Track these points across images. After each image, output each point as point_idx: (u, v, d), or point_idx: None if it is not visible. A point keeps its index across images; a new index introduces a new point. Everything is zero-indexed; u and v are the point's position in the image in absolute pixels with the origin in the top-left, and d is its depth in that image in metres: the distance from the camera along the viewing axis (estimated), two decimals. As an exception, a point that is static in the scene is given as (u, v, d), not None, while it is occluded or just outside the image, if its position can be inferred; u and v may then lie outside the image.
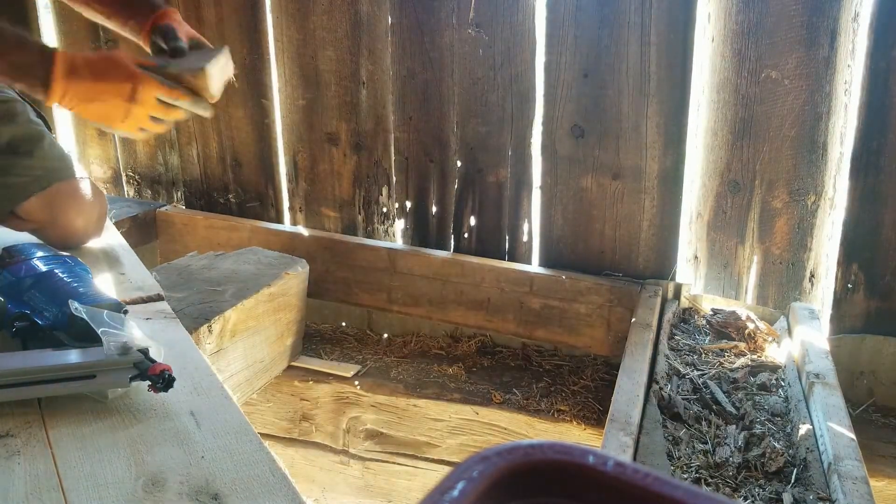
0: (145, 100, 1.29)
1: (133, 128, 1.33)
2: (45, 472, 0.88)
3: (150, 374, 0.97)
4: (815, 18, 1.63)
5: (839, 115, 1.69)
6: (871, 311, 1.77)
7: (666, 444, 1.34)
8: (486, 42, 1.90)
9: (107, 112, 1.30)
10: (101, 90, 1.28)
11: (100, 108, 1.29)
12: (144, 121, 1.32)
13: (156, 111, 1.32)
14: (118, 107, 1.29)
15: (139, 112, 1.30)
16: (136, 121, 1.31)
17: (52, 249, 1.35)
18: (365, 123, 2.10)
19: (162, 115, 1.33)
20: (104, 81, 1.28)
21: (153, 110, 1.31)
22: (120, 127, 1.32)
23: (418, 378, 1.96)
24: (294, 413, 1.99)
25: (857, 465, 1.23)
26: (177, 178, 2.42)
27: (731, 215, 1.84)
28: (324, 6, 2.02)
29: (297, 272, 1.87)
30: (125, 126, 1.32)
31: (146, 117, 1.32)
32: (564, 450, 0.38)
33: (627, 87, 1.80)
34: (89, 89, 1.28)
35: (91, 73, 1.28)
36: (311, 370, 1.98)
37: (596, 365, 1.98)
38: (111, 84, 1.28)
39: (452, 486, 0.35)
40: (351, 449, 1.98)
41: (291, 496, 0.86)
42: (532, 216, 2.02)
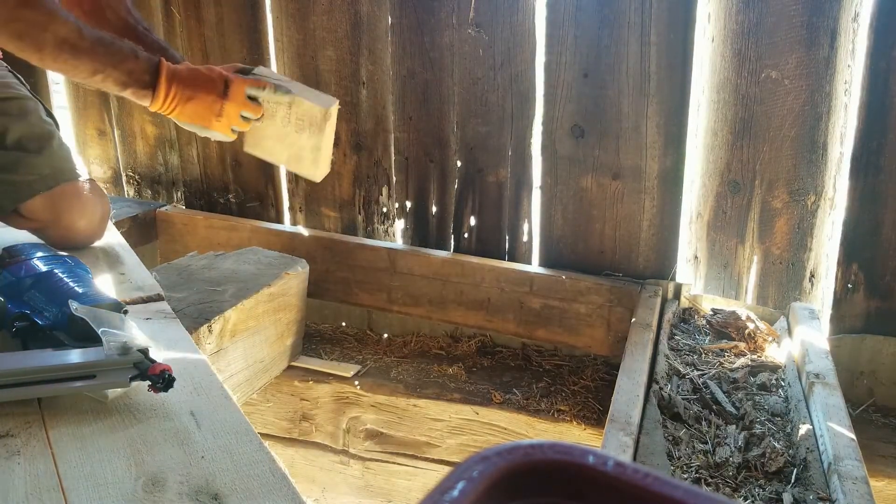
0: (237, 96, 1.39)
1: (227, 127, 1.41)
2: (45, 472, 0.88)
3: (150, 374, 0.97)
4: (815, 18, 1.63)
5: (839, 115, 1.69)
6: (871, 311, 1.77)
7: (666, 444, 1.34)
8: (486, 42, 1.90)
9: (203, 110, 1.39)
10: (198, 87, 1.38)
11: (196, 106, 1.38)
12: (236, 118, 1.41)
13: (246, 108, 1.41)
14: (213, 103, 1.38)
15: (231, 109, 1.39)
16: (228, 118, 1.40)
17: (51, 249, 1.35)
18: (365, 123, 2.10)
19: (251, 112, 1.42)
20: (201, 80, 1.38)
21: (244, 107, 1.40)
22: (216, 126, 1.40)
23: (418, 378, 1.96)
24: (294, 413, 1.99)
25: (857, 465, 1.23)
26: (177, 178, 2.42)
27: (731, 215, 1.84)
28: (324, 6, 2.02)
29: (297, 272, 1.87)
30: (220, 124, 1.40)
31: (237, 115, 1.41)
32: (564, 450, 0.38)
33: (627, 87, 1.80)
34: (188, 88, 1.37)
35: (189, 75, 1.38)
36: (311, 370, 1.98)
37: (596, 365, 1.98)
38: (206, 82, 1.38)
39: (452, 486, 0.35)
40: (351, 449, 1.98)
41: (291, 496, 0.86)
42: (532, 216, 2.02)
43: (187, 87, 1.37)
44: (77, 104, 2.49)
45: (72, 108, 2.51)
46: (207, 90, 1.38)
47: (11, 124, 1.50)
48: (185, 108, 1.38)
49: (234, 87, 1.39)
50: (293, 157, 1.50)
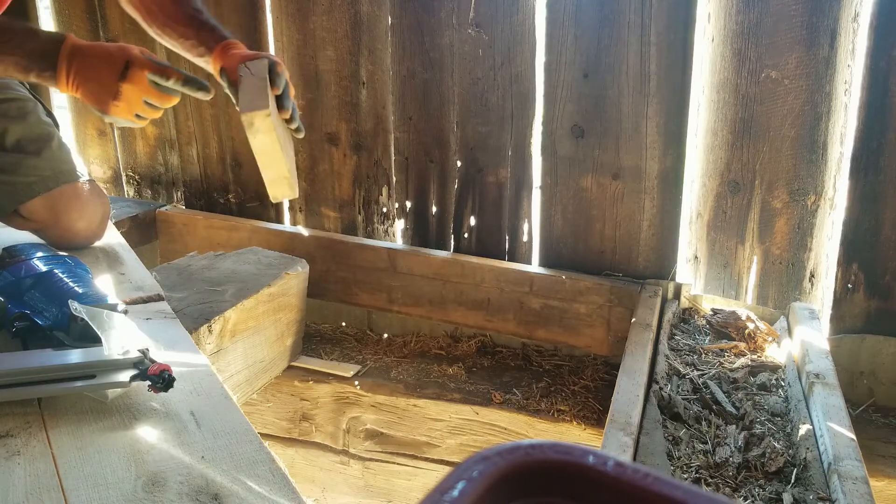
0: (137, 79, 1.28)
1: (127, 112, 1.30)
2: (45, 472, 0.88)
3: (150, 374, 0.97)
4: (815, 18, 1.63)
5: (839, 115, 1.69)
6: (871, 311, 1.77)
7: (666, 444, 1.34)
8: (486, 42, 1.90)
9: (100, 91, 1.28)
10: (97, 65, 1.28)
11: (95, 87, 1.28)
12: (138, 104, 1.30)
13: (149, 94, 1.29)
14: (110, 85, 1.27)
15: (131, 93, 1.28)
16: (128, 103, 1.29)
17: (52, 249, 1.36)
18: (365, 123, 2.10)
19: (155, 99, 1.30)
20: (102, 60, 1.28)
21: (146, 93, 1.29)
22: (114, 110, 1.30)
23: (418, 378, 1.96)
24: (294, 413, 1.99)
25: (857, 465, 1.23)
26: (177, 178, 2.42)
27: (731, 215, 1.84)
28: (324, 6, 2.02)
29: (297, 272, 1.87)
30: (119, 109, 1.30)
31: (139, 101, 1.29)
32: (565, 450, 0.38)
33: (627, 87, 1.80)
34: (87, 66, 1.28)
35: (91, 52, 1.29)
36: (311, 370, 1.98)
37: (596, 365, 1.98)
38: (107, 61, 1.28)
39: (452, 486, 0.35)
40: (351, 449, 1.98)
41: (291, 496, 0.86)
42: (532, 216, 2.02)
43: (86, 66, 1.28)
44: (77, 104, 2.49)
45: (72, 108, 2.51)
46: (105, 68, 1.27)
47: (11, 125, 1.50)
48: (85, 87, 1.29)
49: (133, 70, 1.27)
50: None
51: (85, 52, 1.28)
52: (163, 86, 1.30)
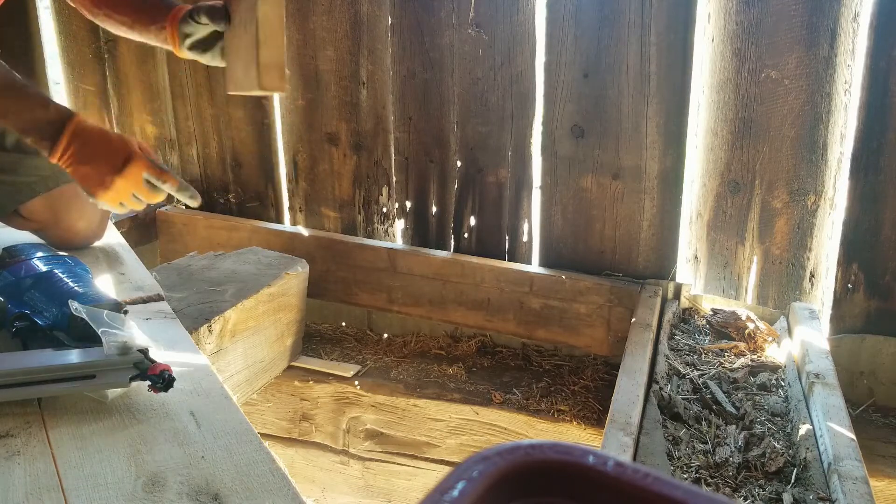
0: (132, 176, 1.32)
1: (114, 200, 1.35)
2: (45, 472, 0.88)
3: (150, 374, 0.97)
4: (815, 18, 1.63)
5: (839, 115, 1.69)
6: (871, 311, 1.77)
7: (666, 444, 1.34)
8: (486, 42, 1.90)
9: (93, 178, 1.32)
10: (96, 155, 1.32)
11: (89, 173, 1.32)
12: (126, 196, 1.34)
13: (139, 191, 1.34)
14: (104, 175, 1.31)
15: (123, 186, 1.33)
16: (117, 194, 1.34)
17: (52, 249, 1.36)
18: (365, 123, 2.10)
19: (144, 196, 1.35)
20: (102, 148, 1.32)
21: (137, 189, 1.33)
22: (102, 197, 1.34)
23: (418, 378, 1.96)
24: (294, 413, 1.99)
25: (857, 465, 1.23)
26: (177, 178, 2.42)
27: (731, 215, 1.84)
28: (324, 6, 2.02)
29: (297, 272, 1.87)
30: (107, 196, 1.34)
31: (129, 194, 1.34)
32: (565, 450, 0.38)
33: (627, 87, 1.80)
34: (86, 153, 1.31)
35: (93, 138, 1.32)
36: (311, 370, 1.98)
37: (596, 365, 1.98)
38: (106, 152, 1.32)
39: (452, 486, 0.35)
40: (351, 449, 1.98)
41: (291, 496, 0.86)
42: (532, 216, 2.02)
43: (85, 152, 1.31)
44: (77, 105, 2.49)
45: (71, 108, 2.51)
46: (103, 160, 1.32)
47: None
48: (77, 169, 1.32)
49: (130, 168, 1.32)
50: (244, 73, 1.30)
51: (87, 136, 1.32)
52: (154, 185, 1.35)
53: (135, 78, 2.35)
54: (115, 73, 2.37)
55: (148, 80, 2.34)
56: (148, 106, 2.38)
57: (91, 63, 2.38)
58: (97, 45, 2.36)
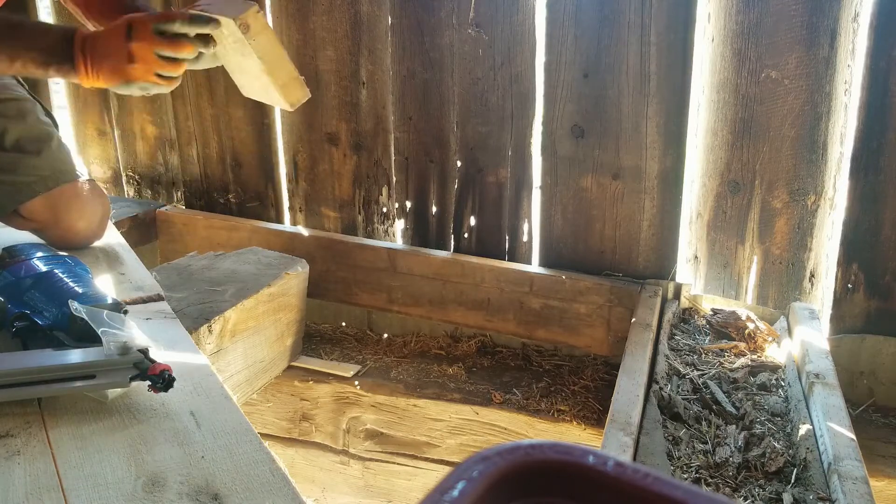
0: (142, 34, 1.25)
1: (147, 72, 1.27)
2: (45, 472, 0.88)
3: (150, 374, 0.97)
4: (815, 18, 1.63)
5: (839, 115, 1.69)
6: (871, 311, 1.77)
7: (666, 444, 1.34)
8: (486, 42, 1.90)
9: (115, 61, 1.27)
10: (105, 40, 1.27)
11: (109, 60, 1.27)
12: (152, 60, 1.27)
13: (159, 45, 1.26)
14: (120, 50, 1.26)
15: (140, 50, 1.26)
16: (144, 62, 1.26)
17: (52, 249, 1.36)
18: (365, 123, 2.10)
19: (166, 49, 1.27)
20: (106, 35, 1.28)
21: (156, 45, 1.26)
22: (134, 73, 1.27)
23: (418, 378, 1.96)
24: (294, 413, 1.99)
25: (857, 465, 1.23)
26: (177, 178, 2.42)
27: (731, 215, 1.84)
28: (324, 6, 2.02)
29: (297, 272, 1.87)
30: (137, 70, 1.27)
31: (152, 56, 1.27)
32: (565, 450, 0.38)
33: (627, 87, 1.80)
34: (98, 45, 1.27)
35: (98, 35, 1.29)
36: (311, 370, 1.98)
37: (596, 365, 1.98)
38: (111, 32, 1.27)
39: (452, 486, 0.35)
40: (351, 449, 1.98)
41: (291, 496, 0.86)
42: (532, 216, 2.02)
43: (97, 46, 1.27)
44: (77, 104, 2.49)
45: (71, 108, 2.51)
46: (112, 40, 1.26)
47: (10, 125, 1.50)
48: (102, 67, 1.27)
49: (136, 27, 1.25)
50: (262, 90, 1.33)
51: (92, 38, 1.29)
52: (171, 34, 1.27)
53: (135, 78, 2.35)
54: (115, 73, 2.37)
55: (148, 80, 2.33)
56: (148, 106, 2.38)
57: (91, 63, 2.37)
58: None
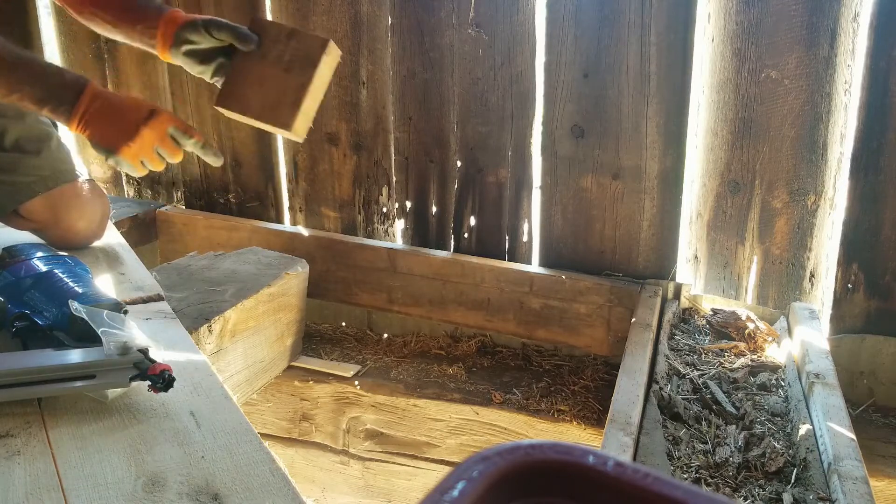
0: (158, 127, 1.31)
1: (136, 156, 1.33)
2: (45, 472, 0.88)
3: (150, 374, 0.97)
4: (815, 18, 1.63)
5: (839, 115, 1.69)
6: (871, 311, 1.77)
7: (666, 444, 1.34)
8: (486, 42, 1.90)
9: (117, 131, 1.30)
10: (121, 109, 1.31)
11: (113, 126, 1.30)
12: (149, 151, 1.33)
13: (164, 145, 1.32)
14: (130, 125, 1.30)
15: (148, 137, 1.31)
16: (141, 148, 1.32)
17: (52, 249, 1.36)
18: (365, 123, 2.10)
19: (168, 151, 1.34)
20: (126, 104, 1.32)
21: (162, 142, 1.32)
22: (125, 151, 1.32)
23: (418, 378, 1.96)
24: (294, 413, 1.99)
25: (857, 465, 1.23)
26: (177, 178, 2.42)
27: (731, 215, 1.84)
28: (324, 6, 2.02)
29: (297, 272, 1.87)
30: (130, 150, 1.32)
31: (152, 148, 1.32)
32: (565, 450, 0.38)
33: (627, 87, 1.80)
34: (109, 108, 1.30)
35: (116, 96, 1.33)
36: (311, 370, 1.98)
37: (596, 365, 1.98)
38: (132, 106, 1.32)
39: (452, 486, 0.35)
40: (351, 449, 1.98)
41: (291, 496, 0.86)
42: (532, 216, 2.02)
43: (108, 107, 1.30)
44: (77, 104, 2.49)
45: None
46: (129, 112, 1.31)
47: (9, 125, 1.50)
48: (99, 126, 1.30)
49: (157, 119, 1.31)
50: (269, 106, 1.32)
51: (109, 95, 1.32)
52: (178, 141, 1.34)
53: (135, 78, 2.35)
54: (115, 72, 2.37)
55: (148, 80, 2.34)
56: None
57: (91, 63, 2.38)
58: (97, 45, 2.36)
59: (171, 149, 1.34)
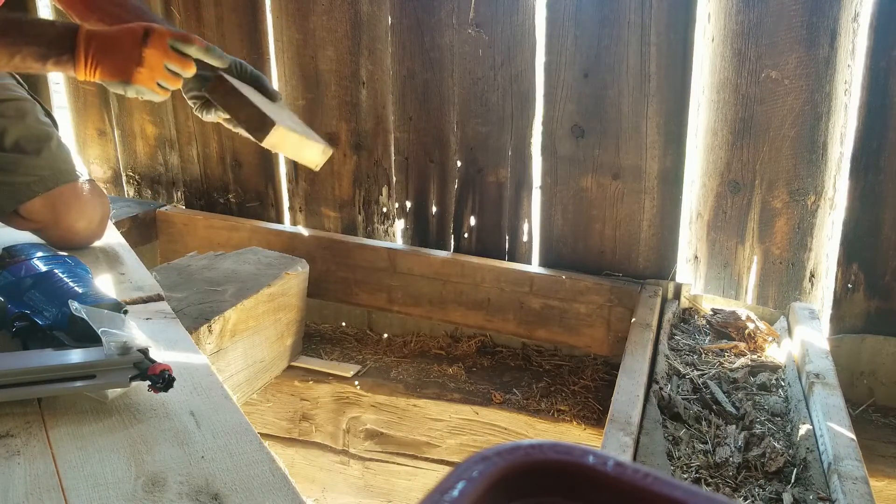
0: (158, 44, 1.27)
1: (150, 79, 1.29)
2: (45, 472, 0.88)
3: (150, 374, 0.97)
4: (815, 18, 1.63)
5: (839, 115, 1.69)
6: (871, 311, 1.77)
7: (666, 444, 1.34)
8: (486, 42, 1.90)
9: (122, 60, 1.27)
10: (117, 38, 1.28)
11: (117, 59, 1.27)
12: (160, 70, 1.29)
13: (170, 59, 1.29)
14: (133, 51, 1.27)
15: (152, 57, 1.27)
16: (151, 69, 1.28)
17: (52, 249, 1.36)
18: (365, 123, 2.10)
19: (177, 64, 1.29)
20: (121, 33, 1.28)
21: (167, 57, 1.28)
22: (138, 77, 1.29)
23: (418, 378, 1.96)
24: (294, 413, 1.99)
25: (857, 465, 1.23)
26: (177, 178, 2.42)
27: (731, 215, 1.84)
28: (324, 6, 2.02)
29: (297, 272, 1.87)
30: (142, 75, 1.28)
31: (161, 66, 1.28)
32: (565, 450, 0.38)
33: (627, 87, 1.80)
34: (108, 42, 1.27)
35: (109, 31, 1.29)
36: (311, 370, 1.98)
37: (596, 365, 1.98)
38: (127, 33, 1.28)
39: (452, 486, 0.35)
40: (351, 449, 1.98)
41: (291, 496, 0.86)
42: (532, 216, 2.02)
43: (106, 42, 1.27)
44: (77, 104, 2.49)
45: (72, 108, 2.51)
46: (126, 39, 1.27)
47: (9, 126, 1.50)
48: (104, 61, 1.28)
49: (154, 36, 1.27)
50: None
51: (102, 33, 1.29)
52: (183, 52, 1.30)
53: (135, 78, 2.35)
54: (115, 73, 2.37)
55: (148, 80, 2.33)
56: (148, 106, 2.38)
57: (91, 63, 2.37)
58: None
59: (179, 61, 1.30)
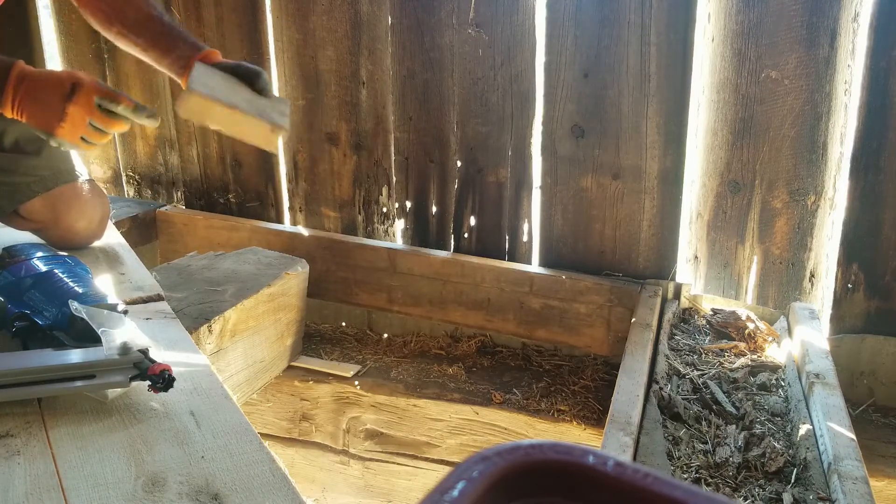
0: (83, 101, 1.26)
1: (72, 134, 1.28)
2: (45, 472, 0.88)
3: (150, 374, 0.97)
4: (815, 18, 1.63)
5: (839, 115, 1.69)
6: (871, 311, 1.77)
7: (666, 444, 1.34)
8: (486, 42, 1.90)
9: (46, 114, 1.27)
10: (45, 88, 1.27)
11: (40, 108, 1.27)
12: (83, 126, 1.28)
13: (95, 117, 1.27)
14: (56, 105, 1.26)
15: (76, 114, 1.26)
16: (73, 125, 1.27)
17: (52, 249, 1.36)
18: (365, 123, 2.10)
19: (100, 122, 1.28)
20: (49, 81, 1.27)
21: (92, 114, 1.27)
22: (60, 132, 1.28)
23: (418, 378, 1.96)
24: (294, 413, 1.99)
25: (857, 465, 1.23)
26: (177, 178, 2.42)
27: (731, 215, 1.84)
28: (324, 6, 2.02)
29: (297, 272, 1.87)
30: (64, 131, 1.27)
31: (85, 122, 1.27)
32: (565, 450, 0.38)
33: (627, 87, 1.80)
34: (34, 89, 1.26)
35: (39, 76, 1.28)
36: (311, 370, 1.98)
37: (596, 365, 1.98)
38: (54, 83, 1.27)
39: (452, 486, 0.35)
40: (351, 449, 1.98)
41: (291, 496, 0.86)
42: (532, 216, 2.02)
43: (33, 89, 1.26)
44: (77, 104, 2.49)
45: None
46: (51, 89, 1.26)
47: (9, 125, 1.50)
48: (29, 108, 1.27)
49: (81, 92, 1.26)
50: None
51: (33, 76, 1.27)
52: (110, 110, 1.29)
53: (135, 77, 2.35)
54: (115, 72, 2.37)
55: (148, 80, 2.34)
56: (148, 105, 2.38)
57: (91, 63, 2.38)
58: (97, 45, 2.36)
59: (103, 120, 1.28)
